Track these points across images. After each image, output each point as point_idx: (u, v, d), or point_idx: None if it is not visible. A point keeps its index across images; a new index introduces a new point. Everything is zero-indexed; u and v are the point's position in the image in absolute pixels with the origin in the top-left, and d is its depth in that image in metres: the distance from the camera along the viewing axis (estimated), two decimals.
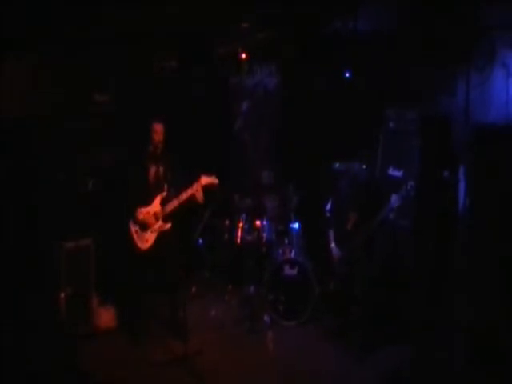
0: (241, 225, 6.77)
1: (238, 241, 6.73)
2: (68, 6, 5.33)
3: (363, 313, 5.33)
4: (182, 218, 5.64)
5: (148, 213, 5.44)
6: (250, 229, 6.72)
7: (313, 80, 7.10)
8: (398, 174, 5.92)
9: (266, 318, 6.02)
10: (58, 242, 5.46)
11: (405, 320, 5.35)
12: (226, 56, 7.17)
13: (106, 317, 5.76)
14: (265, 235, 6.62)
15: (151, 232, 5.45)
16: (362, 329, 5.32)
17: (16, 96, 5.78)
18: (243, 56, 7.16)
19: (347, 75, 6.91)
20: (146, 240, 5.45)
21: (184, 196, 5.40)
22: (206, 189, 5.46)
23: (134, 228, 5.47)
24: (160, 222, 5.46)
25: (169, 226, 5.48)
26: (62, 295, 5.45)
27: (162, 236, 5.49)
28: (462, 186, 5.64)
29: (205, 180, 5.42)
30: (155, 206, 5.46)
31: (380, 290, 5.37)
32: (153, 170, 5.50)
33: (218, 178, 5.50)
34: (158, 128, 5.45)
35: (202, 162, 5.86)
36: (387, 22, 6.34)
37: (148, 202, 5.47)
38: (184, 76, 7.19)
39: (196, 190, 5.38)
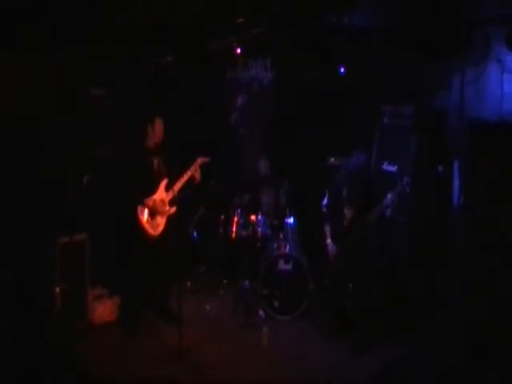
0: (236, 219, 6.74)
1: (233, 235, 6.71)
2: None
3: (358, 309, 5.33)
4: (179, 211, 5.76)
5: (156, 200, 5.66)
6: (245, 223, 6.69)
7: (307, 74, 7.09)
8: (392, 168, 5.94)
9: (260, 312, 6.03)
10: (52, 236, 5.45)
11: (401, 317, 5.36)
12: (221, 50, 7.15)
13: (102, 311, 5.77)
14: (260, 230, 6.57)
15: (161, 217, 5.69)
16: (357, 325, 5.32)
17: (11, 93, 5.78)
18: (238, 51, 7.13)
19: (342, 70, 6.92)
20: (158, 225, 5.67)
21: (185, 177, 5.75)
22: (202, 167, 5.85)
23: (143, 217, 5.61)
24: (167, 206, 5.72)
25: (174, 209, 5.75)
26: (57, 290, 5.45)
27: (169, 221, 5.73)
28: (456, 180, 5.68)
29: (201, 159, 5.83)
30: (160, 192, 5.73)
31: (376, 287, 5.37)
32: (155, 162, 5.78)
33: (213, 170, 5.86)
34: (159, 123, 5.77)
35: (198, 156, 5.88)
36: (382, 18, 6.35)
37: (153, 191, 5.70)
38: (180, 71, 7.17)
39: (195, 170, 5.78)
